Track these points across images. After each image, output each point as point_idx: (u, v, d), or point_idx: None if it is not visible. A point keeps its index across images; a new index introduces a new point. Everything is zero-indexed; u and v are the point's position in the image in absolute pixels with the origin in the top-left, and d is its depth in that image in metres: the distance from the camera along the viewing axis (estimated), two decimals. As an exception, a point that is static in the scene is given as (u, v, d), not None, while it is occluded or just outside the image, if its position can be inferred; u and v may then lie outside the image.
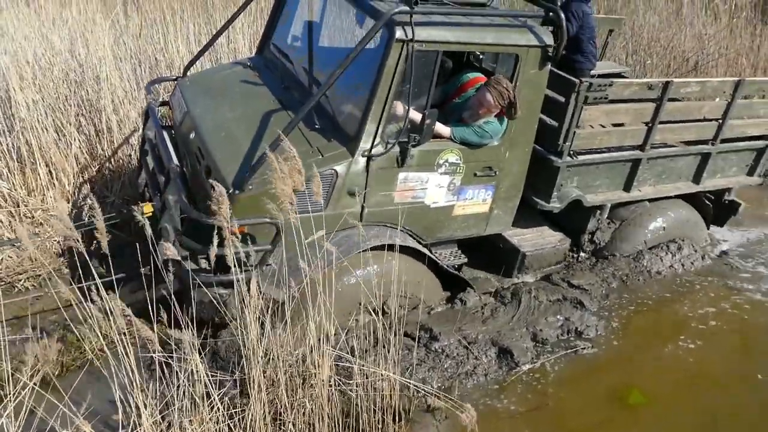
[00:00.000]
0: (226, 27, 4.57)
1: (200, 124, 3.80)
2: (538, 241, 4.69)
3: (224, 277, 3.32)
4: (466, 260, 4.41)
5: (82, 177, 5.13)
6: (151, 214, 3.36)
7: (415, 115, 3.50)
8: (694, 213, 5.34)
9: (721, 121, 4.80)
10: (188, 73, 4.57)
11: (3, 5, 6.31)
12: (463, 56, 4.64)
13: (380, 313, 3.29)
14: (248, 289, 2.84)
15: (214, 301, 3.18)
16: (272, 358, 2.98)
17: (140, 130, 4.85)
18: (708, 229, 5.58)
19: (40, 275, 4.28)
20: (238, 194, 3.27)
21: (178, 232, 3.37)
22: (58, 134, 5.09)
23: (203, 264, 3.51)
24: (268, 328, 2.99)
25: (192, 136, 3.82)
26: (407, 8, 3.14)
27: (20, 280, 4.25)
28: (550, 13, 3.62)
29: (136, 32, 6.59)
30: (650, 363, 4.24)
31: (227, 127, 3.70)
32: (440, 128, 3.67)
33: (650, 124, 4.47)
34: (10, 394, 2.51)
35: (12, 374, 2.74)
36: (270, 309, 2.99)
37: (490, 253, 4.66)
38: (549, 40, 3.66)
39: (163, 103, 4.75)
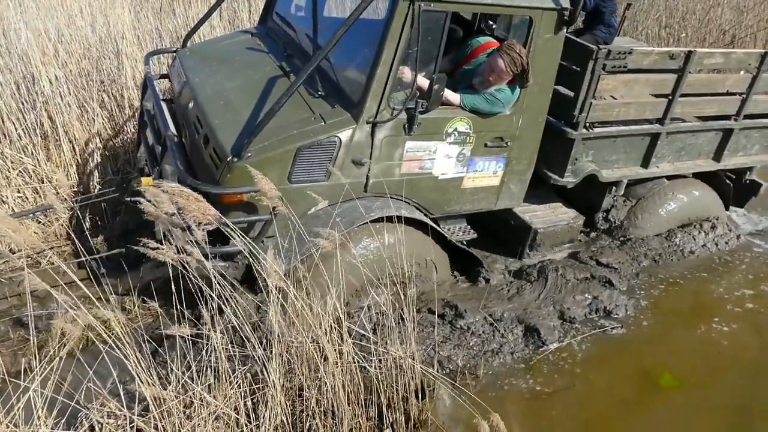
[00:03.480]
0: None
1: (199, 93, 3.72)
2: (551, 217, 4.54)
3: (222, 248, 3.22)
4: (475, 236, 4.27)
5: (105, 153, 5.13)
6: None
7: (423, 81, 3.39)
8: (713, 193, 5.16)
9: (745, 95, 4.60)
10: (188, 44, 4.48)
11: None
12: (474, 24, 4.48)
13: (395, 288, 3.20)
14: (255, 260, 2.72)
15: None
16: (288, 337, 2.92)
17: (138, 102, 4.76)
18: (727, 209, 5.38)
19: (65, 251, 4.30)
20: (236, 162, 3.17)
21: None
22: (81, 110, 5.08)
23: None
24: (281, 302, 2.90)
25: (191, 105, 3.74)
26: None
27: (45, 256, 4.27)
28: None
29: (157, 7, 6.53)
30: (682, 345, 4.10)
31: (226, 96, 3.62)
32: (449, 95, 3.54)
33: (671, 97, 4.28)
34: (36, 367, 2.50)
35: (39, 348, 2.74)
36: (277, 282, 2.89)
37: (500, 231, 4.52)
38: (565, 2, 3.50)
39: (163, 76, 4.64)
